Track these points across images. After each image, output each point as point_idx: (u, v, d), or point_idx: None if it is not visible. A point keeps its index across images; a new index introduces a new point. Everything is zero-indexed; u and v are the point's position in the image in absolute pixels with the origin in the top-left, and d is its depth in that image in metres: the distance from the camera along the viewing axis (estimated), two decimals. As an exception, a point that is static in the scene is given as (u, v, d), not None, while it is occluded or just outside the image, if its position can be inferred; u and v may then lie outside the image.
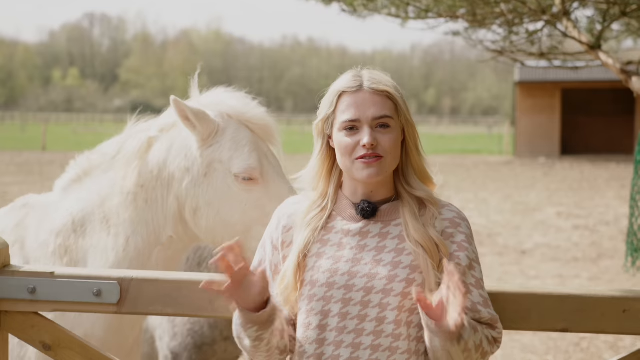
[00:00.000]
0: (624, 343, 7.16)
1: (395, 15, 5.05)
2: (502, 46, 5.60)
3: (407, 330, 2.13)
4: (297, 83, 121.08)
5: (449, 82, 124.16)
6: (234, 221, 2.99)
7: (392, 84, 2.20)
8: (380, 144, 2.13)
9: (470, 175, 25.32)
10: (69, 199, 3.14)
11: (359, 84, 2.17)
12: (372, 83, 2.17)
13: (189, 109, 2.95)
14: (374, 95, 2.16)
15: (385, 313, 2.12)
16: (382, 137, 2.14)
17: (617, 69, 4.62)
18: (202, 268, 4.08)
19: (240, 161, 2.99)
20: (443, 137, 53.52)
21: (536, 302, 2.39)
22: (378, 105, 2.15)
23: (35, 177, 21.92)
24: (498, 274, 10.25)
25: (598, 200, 18.49)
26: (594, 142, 35.19)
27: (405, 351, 2.13)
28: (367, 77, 2.19)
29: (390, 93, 2.17)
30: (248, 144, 3.03)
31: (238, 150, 3.00)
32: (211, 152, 3.01)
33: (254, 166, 2.99)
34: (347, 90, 2.17)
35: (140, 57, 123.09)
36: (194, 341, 4.04)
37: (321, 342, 2.16)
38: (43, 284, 2.49)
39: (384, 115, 2.15)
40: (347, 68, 2.27)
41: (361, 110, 2.14)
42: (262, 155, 3.05)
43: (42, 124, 42.79)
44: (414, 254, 2.14)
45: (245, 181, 2.98)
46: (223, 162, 3.00)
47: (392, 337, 2.12)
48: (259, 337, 2.13)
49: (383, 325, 2.12)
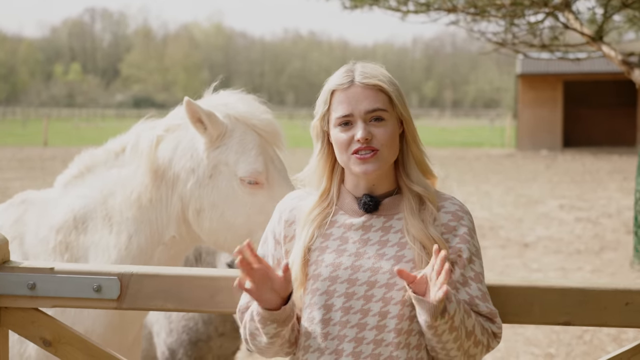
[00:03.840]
0: (627, 335, 7.16)
1: (395, 9, 5.03)
2: (503, 38, 5.58)
3: (409, 324, 2.13)
4: (299, 77, 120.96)
5: (450, 74, 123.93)
6: (237, 224, 2.98)
7: (386, 76, 2.19)
8: (375, 137, 2.13)
9: (472, 168, 25.31)
10: (70, 195, 3.13)
11: (350, 79, 2.17)
12: (363, 77, 2.16)
13: (202, 111, 2.94)
14: (365, 89, 2.15)
15: (388, 307, 2.12)
16: (377, 130, 2.14)
17: (619, 60, 4.61)
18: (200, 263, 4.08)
19: (246, 165, 2.98)
20: (445, 130, 53.50)
21: (538, 295, 2.38)
22: (370, 98, 2.14)
23: (37, 173, 21.93)
24: (500, 267, 10.24)
25: (600, 192, 18.47)
26: (596, 134, 35.15)
27: (406, 345, 2.12)
28: (359, 71, 2.18)
29: (381, 86, 2.16)
30: (255, 147, 3.02)
31: (244, 154, 3.00)
32: (217, 154, 3.00)
33: (260, 170, 2.99)
34: (339, 88, 2.17)
35: (142, 51, 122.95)
36: (189, 337, 4.06)
37: (325, 336, 2.16)
38: (43, 279, 2.49)
39: (376, 109, 2.14)
40: (348, 61, 2.26)
41: (353, 105, 2.14)
42: (268, 159, 3.04)
43: (43, 119, 42.78)
44: (413, 249, 2.14)
45: (251, 185, 2.98)
46: (229, 165, 2.99)
47: (395, 332, 2.12)
48: (277, 334, 2.14)
49: (386, 320, 2.12)
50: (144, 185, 3.04)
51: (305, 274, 2.19)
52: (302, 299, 2.21)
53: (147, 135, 3.10)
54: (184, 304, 2.48)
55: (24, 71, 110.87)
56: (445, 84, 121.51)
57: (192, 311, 2.60)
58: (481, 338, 2.13)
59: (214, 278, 2.48)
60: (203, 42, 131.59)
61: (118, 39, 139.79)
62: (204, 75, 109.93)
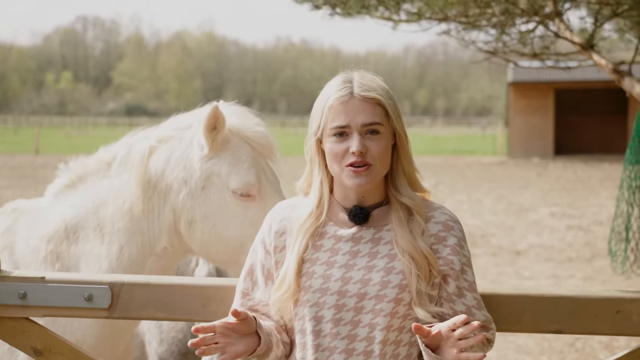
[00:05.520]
0: (619, 343, 7.17)
1: (387, 18, 5.04)
2: (494, 47, 5.60)
3: (397, 335, 2.13)
4: (291, 84, 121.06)
5: (442, 83, 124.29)
6: (229, 236, 2.98)
7: (383, 88, 2.18)
8: (370, 151, 2.12)
9: (463, 176, 25.34)
10: (61, 204, 3.11)
11: (349, 91, 2.15)
12: (362, 90, 2.15)
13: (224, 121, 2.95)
14: (363, 102, 2.14)
15: (378, 319, 2.12)
16: (372, 143, 2.13)
17: (609, 69, 4.62)
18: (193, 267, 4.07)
19: (239, 177, 2.98)
20: (436, 138, 53.58)
21: (529, 303, 2.38)
22: (368, 111, 2.13)
23: (29, 181, 21.86)
24: (492, 274, 10.25)
25: (592, 200, 18.52)
26: (587, 142, 35.27)
27: (394, 356, 2.13)
28: (357, 82, 2.16)
29: (380, 100, 2.15)
30: (247, 159, 3.03)
31: (237, 166, 3.00)
32: (210, 166, 3.00)
33: (252, 182, 2.99)
34: (337, 99, 2.15)
35: (134, 59, 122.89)
36: (178, 349, 4.06)
37: (316, 347, 2.16)
38: (34, 289, 2.48)
39: (373, 122, 2.13)
40: (341, 70, 2.25)
41: (351, 117, 2.12)
42: (260, 171, 3.05)
43: (35, 127, 42.70)
44: (402, 261, 2.14)
45: (243, 197, 2.98)
46: (221, 177, 2.99)
47: (382, 344, 2.12)
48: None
49: (375, 332, 2.12)
50: (136, 195, 3.03)
51: (298, 285, 2.18)
52: (294, 311, 2.20)
53: (140, 145, 3.09)
54: (176, 313, 2.47)
55: (16, 79, 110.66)
56: (437, 92, 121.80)
57: (183, 320, 2.59)
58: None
59: (205, 287, 2.48)
60: (195, 50, 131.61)
61: (110, 47, 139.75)
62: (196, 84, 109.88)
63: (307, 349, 2.17)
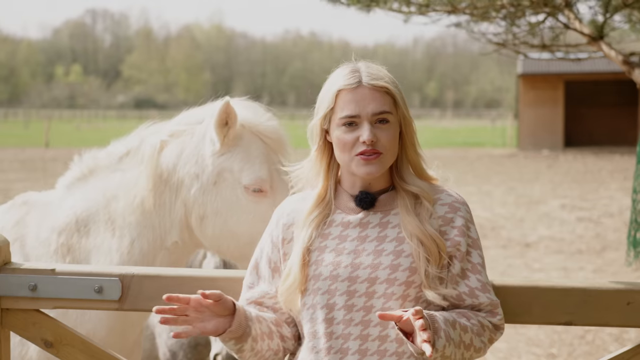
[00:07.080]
0: (629, 335, 7.15)
1: (397, 11, 5.02)
2: (504, 38, 5.57)
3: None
4: (300, 77, 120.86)
5: (451, 75, 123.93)
6: (240, 232, 2.99)
7: (390, 78, 2.20)
8: (380, 140, 2.13)
9: (473, 168, 25.30)
10: (72, 197, 3.12)
11: (357, 80, 2.15)
12: (371, 79, 2.15)
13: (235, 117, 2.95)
14: (373, 91, 2.14)
15: (390, 303, 2.12)
16: (381, 132, 2.13)
17: (619, 60, 4.60)
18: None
19: (251, 172, 2.98)
20: (446, 130, 53.47)
21: (539, 295, 2.38)
22: (378, 100, 2.14)
23: (39, 174, 21.94)
24: (502, 266, 10.24)
25: (602, 192, 18.46)
26: (598, 134, 35.14)
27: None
28: (365, 72, 2.17)
29: (388, 88, 2.16)
30: (260, 155, 3.03)
31: (249, 162, 3.00)
32: (222, 161, 3.00)
33: (264, 178, 2.99)
34: (346, 87, 2.15)
35: (143, 52, 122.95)
36: (188, 341, 4.08)
37: (329, 335, 2.15)
38: (44, 281, 2.49)
39: (383, 111, 2.14)
40: (349, 59, 2.25)
41: (361, 106, 2.13)
42: (272, 167, 3.05)
43: (45, 121, 42.77)
44: (410, 244, 2.14)
45: (255, 193, 2.98)
46: (233, 172, 2.99)
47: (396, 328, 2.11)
48: (240, 349, 2.17)
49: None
50: (147, 190, 3.03)
51: (305, 275, 2.18)
52: (301, 301, 2.20)
53: (151, 140, 3.09)
54: (185, 305, 2.48)
55: (25, 72, 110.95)
56: (447, 85, 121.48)
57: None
58: (480, 344, 2.15)
59: (214, 279, 2.49)
60: (204, 43, 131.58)
61: (119, 40, 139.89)
62: (205, 76, 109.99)
63: (318, 337, 2.17)
